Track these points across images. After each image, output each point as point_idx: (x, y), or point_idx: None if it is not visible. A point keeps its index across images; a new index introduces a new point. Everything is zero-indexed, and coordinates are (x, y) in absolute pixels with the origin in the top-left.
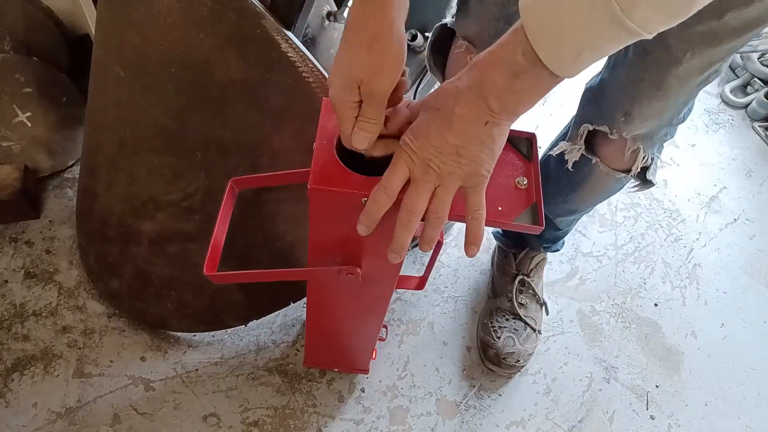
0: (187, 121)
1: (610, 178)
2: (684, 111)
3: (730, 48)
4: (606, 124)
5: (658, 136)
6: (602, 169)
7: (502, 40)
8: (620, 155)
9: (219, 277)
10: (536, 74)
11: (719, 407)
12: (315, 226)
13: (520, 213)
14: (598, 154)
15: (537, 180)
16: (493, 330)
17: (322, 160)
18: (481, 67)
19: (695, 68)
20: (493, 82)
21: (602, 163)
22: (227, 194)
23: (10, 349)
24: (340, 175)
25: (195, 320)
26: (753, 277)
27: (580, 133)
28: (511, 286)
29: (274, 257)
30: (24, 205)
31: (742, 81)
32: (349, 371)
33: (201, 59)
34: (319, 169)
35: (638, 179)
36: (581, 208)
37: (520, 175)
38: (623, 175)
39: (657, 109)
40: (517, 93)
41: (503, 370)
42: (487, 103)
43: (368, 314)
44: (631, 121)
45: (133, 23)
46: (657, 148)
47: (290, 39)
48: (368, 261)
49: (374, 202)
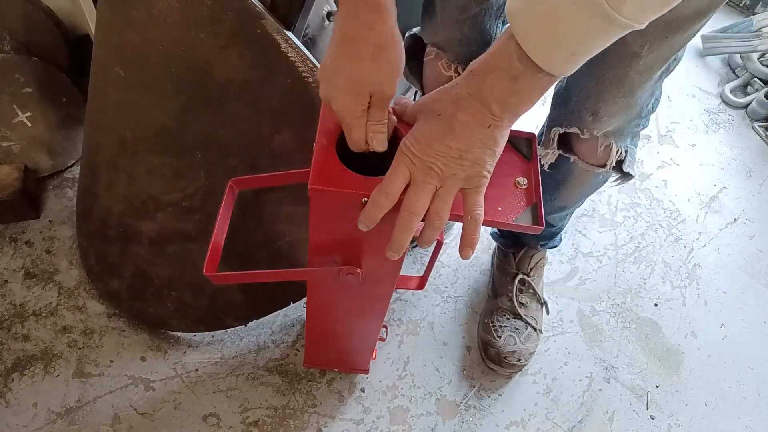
0: (187, 121)
1: (590, 174)
2: (651, 102)
3: (686, 36)
4: (575, 126)
5: (628, 129)
6: (581, 165)
7: (496, 47)
8: (594, 151)
9: (219, 278)
10: (534, 76)
11: (719, 407)
12: (315, 226)
13: (520, 213)
14: (575, 152)
15: (537, 180)
16: (494, 329)
17: (322, 160)
18: (479, 74)
19: (655, 60)
20: (493, 88)
21: (580, 161)
22: (227, 194)
23: (10, 349)
24: (340, 175)
25: (195, 320)
26: (753, 277)
27: (552, 137)
28: (512, 286)
29: (274, 257)
30: (24, 205)
31: (742, 81)
32: (349, 371)
33: (201, 59)
34: (319, 169)
35: (616, 173)
36: (569, 204)
37: (520, 175)
38: (601, 170)
39: (623, 106)
40: (518, 95)
41: (504, 369)
42: (489, 107)
43: (368, 314)
44: (600, 119)
45: (133, 23)
46: (631, 140)
47: (290, 39)
48: (368, 261)
49: (374, 204)
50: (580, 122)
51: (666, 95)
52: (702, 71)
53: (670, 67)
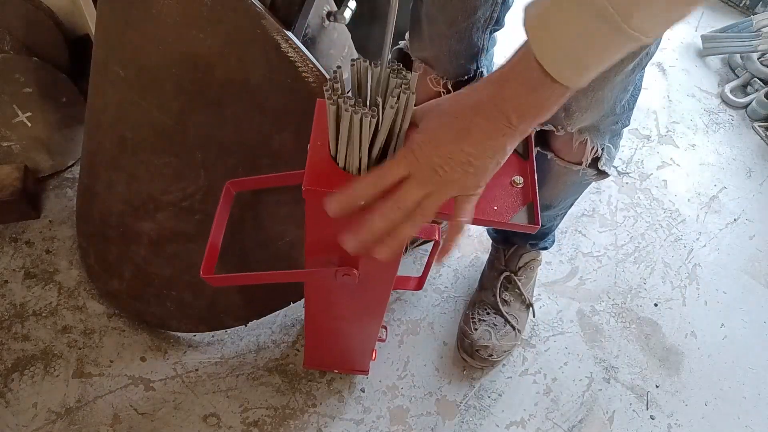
0: (187, 121)
1: (568, 171)
2: (626, 97)
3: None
4: (549, 123)
5: (604, 125)
6: (558, 163)
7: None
8: (570, 148)
9: (216, 280)
10: (550, 87)
11: (719, 407)
12: (311, 227)
13: (517, 212)
14: (552, 149)
15: (533, 179)
16: (472, 321)
17: (317, 161)
18: (498, 83)
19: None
20: (513, 97)
21: (557, 158)
22: (223, 196)
23: (10, 349)
24: (335, 175)
25: (195, 320)
26: (753, 277)
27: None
28: (497, 282)
29: (273, 258)
30: (24, 205)
31: (742, 81)
32: (349, 372)
33: (201, 59)
34: (313, 170)
35: (593, 170)
36: (554, 203)
37: (516, 174)
38: (578, 167)
39: (593, 100)
40: (537, 106)
41: (476, 362)
42: (508, 116)
43: (366, 316)
44: (571, 114)
45: (133, 23)
46: (609, 138)
47: (290, 39)
48: (365, 262)
49: (360, 185)
50: (554, 119)
51: (666, 95)
52: (702, 71)
53: (642, 61)
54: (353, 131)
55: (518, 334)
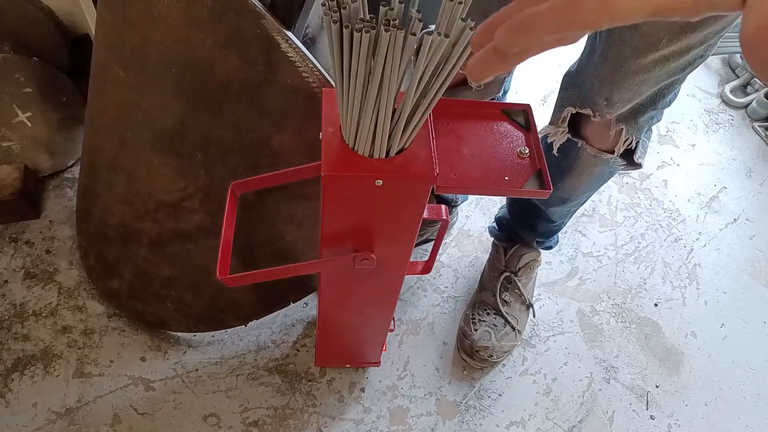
0: (187, 121)
1: (598, 160)
2: (669, 95)
3: (705, 34)
4: (588, 107)
5: (642, 118)
6: (588, 150)
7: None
8: (605, 135)
9: (232, 280)
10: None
11: (719, 407)
12: (328, 214)
13: (527, 180)
14: (583, 135)
15: (538, 147)
16: (472, 322)
17: (332, 147)
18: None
19: (673, 54)
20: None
21: (588, 145)
22: (229, 198)
23: (10, 349)
24: (351, 159)
25: (195, 320)
26: (753, 277)
27: (564, 116)
28: (497, 282)
29: (274, 257)
30: (24, 205)
31: (742, 81)
32: (362, 365)
33: (201, 59)
34: (329, 156)
35: (624, 159)
36: (573, 196)
37: (522, 145)
38: (610, 156)
39: (637, 93)
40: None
41: (475, 362)
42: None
43: (380, 302)
44: (613, 104)
45: (133, 23)
46: (645, 132)
47: (290, 39)
48: (381, 245)
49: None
50: (594, 105)
51: None
52: (702, 71)
53: (695, 62)
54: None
55: (518, 335)
